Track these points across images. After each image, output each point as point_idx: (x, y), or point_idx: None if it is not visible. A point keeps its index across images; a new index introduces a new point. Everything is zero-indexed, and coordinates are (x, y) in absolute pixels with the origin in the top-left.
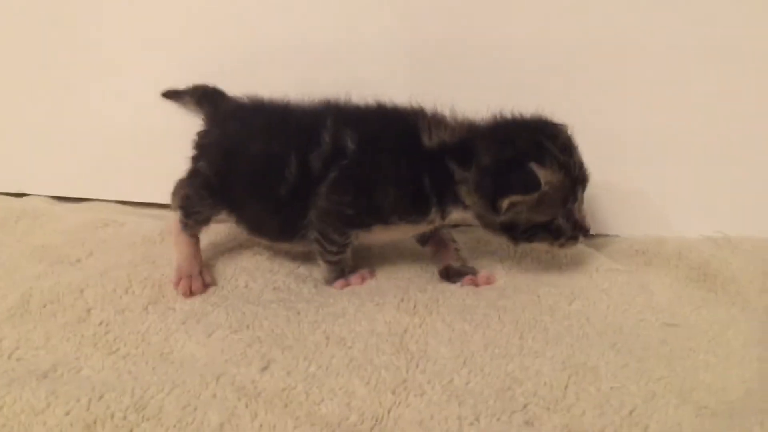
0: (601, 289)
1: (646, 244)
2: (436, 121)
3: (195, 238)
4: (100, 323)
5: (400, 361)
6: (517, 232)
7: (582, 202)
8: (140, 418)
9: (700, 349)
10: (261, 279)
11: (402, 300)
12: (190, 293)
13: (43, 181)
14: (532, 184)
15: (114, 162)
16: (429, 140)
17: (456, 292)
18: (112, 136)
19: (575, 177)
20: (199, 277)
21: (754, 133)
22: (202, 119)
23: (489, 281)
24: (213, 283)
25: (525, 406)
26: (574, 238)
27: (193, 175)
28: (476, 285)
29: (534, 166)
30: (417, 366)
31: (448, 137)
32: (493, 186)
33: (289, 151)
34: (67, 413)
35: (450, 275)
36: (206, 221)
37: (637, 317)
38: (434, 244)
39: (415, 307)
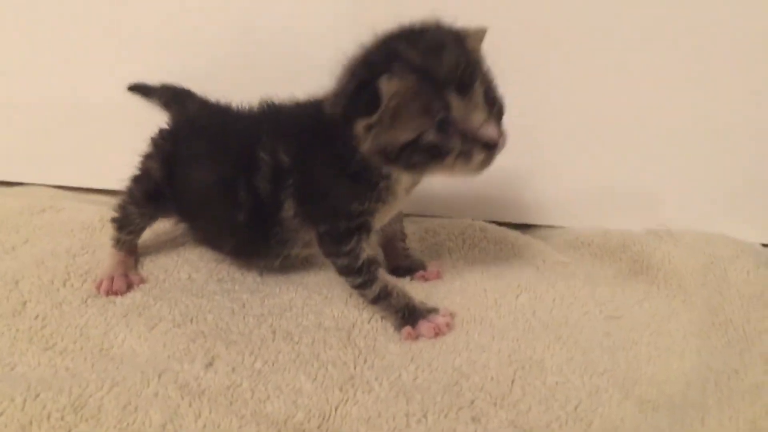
0: (548, 281)
1: (591, 236)
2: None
3: (126, 248)
4: (36, 317)
5: (348, 357)
6: (392, 159)
7: (474, 108)
8: (78, 419)
9: (642, 341)
10: (204, 269)
11: (351, 294)
12: (112, 293)
13: None
14: (375, 100)
15: (51, 145)
16: (331, 108)
17: (406, 287)
18: (49, 117)
19: (440, 80)
20: (122, 277)
21: (697, 127)
22: (167, 120)
23: (438, 276)
24: (141, 281)
25: (472, 402)
26: (465, 154)
27: (140, 177)
28: (426, 280)
29: (383, 80)
30: (365, 362)
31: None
32: (344, 115)
33: (238, 175)
34: (1, 413)
35: (399, 272)
36: (140, 232)
37: (582, 310)
38: (382, 241)
39: (363, 302)
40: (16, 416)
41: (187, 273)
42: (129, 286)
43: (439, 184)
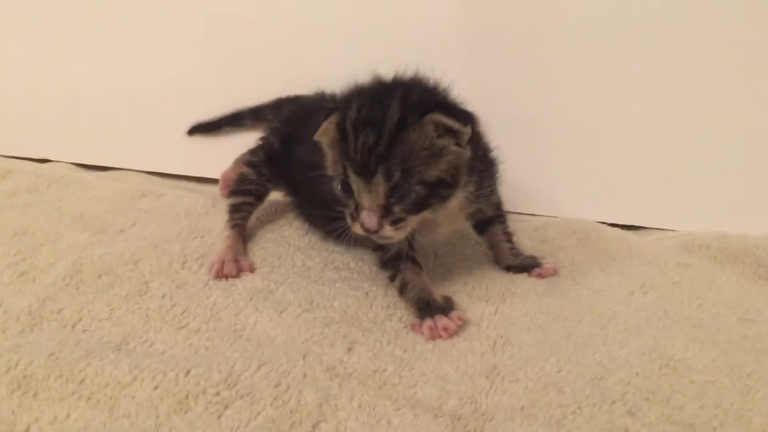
0: (673, 282)
1: (708, 239)
2: None
3: (237, 230)
4: (163, 296)
5: (484, 347)
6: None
7: (366, 192)
8: (234, 395)
9: None
10: (318, 257)
11: (473, 288)
12: (222, 276)
13: (66, 148)
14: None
15: (141, 132)
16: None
17: (525, 282)
18: (137, 106)
19: (348, 151)
20: (233, 262)
21: None
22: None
23: (555, 272)
24: (251, 268)
25: (623, 396)
26: (352, 218)
27: (263, 146)
28: (542, 277)
29: (332, 116)
30: (503, 352)
31: None
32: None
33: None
34: (156, 387)
35: (512, 271)
36: (256, 201)
37: (712, 311)
38: (488, 243)
39: (487, 294)
40: (171, 390)
41: (301, 260)
42: (239, 271)
43: (541, 182)
